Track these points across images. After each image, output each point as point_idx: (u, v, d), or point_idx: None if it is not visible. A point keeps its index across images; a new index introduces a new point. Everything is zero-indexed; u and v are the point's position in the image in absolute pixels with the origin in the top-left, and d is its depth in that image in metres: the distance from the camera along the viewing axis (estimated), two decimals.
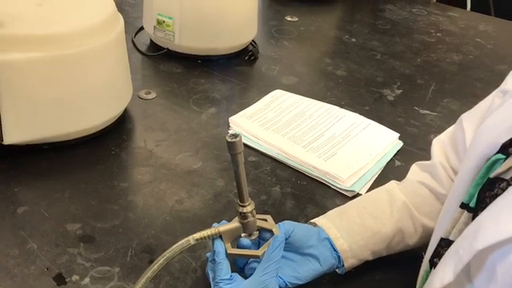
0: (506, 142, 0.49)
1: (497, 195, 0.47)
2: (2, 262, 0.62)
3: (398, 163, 0.87)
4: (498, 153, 0.49)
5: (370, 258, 0.64)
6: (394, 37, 1.36)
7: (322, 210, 0.73)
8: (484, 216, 0.46)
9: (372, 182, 0.81)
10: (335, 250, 0.61)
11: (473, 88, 1.15)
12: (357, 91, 1.08)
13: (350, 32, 1.36)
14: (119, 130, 0.87)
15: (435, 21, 1.49)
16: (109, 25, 0.79)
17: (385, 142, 0.89)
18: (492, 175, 0.48)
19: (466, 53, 1.31)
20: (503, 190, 0.46)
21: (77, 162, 0.79)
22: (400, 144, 0.91)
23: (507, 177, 0.47)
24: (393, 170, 0.85)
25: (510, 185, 0.46)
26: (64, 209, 0.70)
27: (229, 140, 0.51)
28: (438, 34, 1.40)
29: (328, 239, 0.61)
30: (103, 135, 0.84)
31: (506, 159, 0.48)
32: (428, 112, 1.03)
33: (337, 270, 0.63)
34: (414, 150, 0.91)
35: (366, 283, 0.65)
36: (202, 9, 1.05)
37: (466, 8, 1.73)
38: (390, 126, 0.95)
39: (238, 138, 0.51)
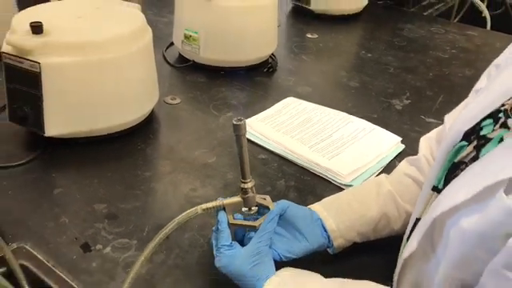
0: (467, 130, 0.56)
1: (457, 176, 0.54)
2: (39, 231, 0.72)
3: (398, 164, 0.93)
4: (462, 140, 0.56)
5: (358, 239, 0.71)
6: (409, 53, 1.43)
7: None
8: (442, 192, 0.53)
9: (371, 179, 0.88)
10: (325, 231, 0.69)
11: None
12: (367, 100, 1.15)
13: (366, 48, 1.44)
14: (146, 129, 0.98)
15: (452, 39, 1.55)
16: (138, 35, 0.90)
17: (387, 144, 0.96)
18: (456, 160, 0.55)
19: (479, 68, 1.36)
20: (462, 171, 0.53)
21: (107, 155, 0.90)
22: (402, 147, 0.97)
23: (467, 160, 0.54)
24: (392, 170, 0.92)
25: (467, 166, 0.53)
26: (93, 192, 0.81)
27: (234, 123, 0.60)
28: (453, 51, 1.46)
29: (320, 220, 0.69)
30: (131, 133, 0.95)
31: (468, 145, 0.55)
32: (433, 120, 1.09)
33: (328, 250, 0.70)
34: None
35: (354, 265, 0.71)
36: (225, 25, 1.15)
37: (486, 28, 1.78)
38: (395, 132, 1.02)
39: (242, 122, 0.60)
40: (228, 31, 1.15)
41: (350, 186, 0.86)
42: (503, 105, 0.53)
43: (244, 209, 0.65)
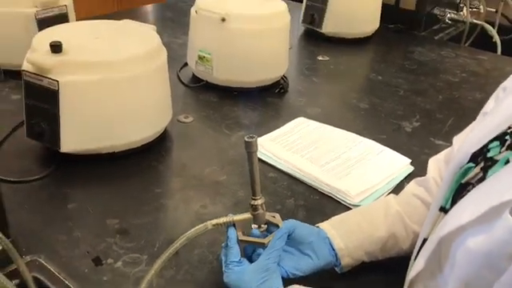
0: (475, 152, 0.56)
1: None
2: (52, 245, 0.74)
3: (407, 185, 0.94)
4: (469, 162, 0.57)
5: (366, 258, 0.71)
6: (419, 76, 1.44)
7: None
8: (449, 213, 0.54)
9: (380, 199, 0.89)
10: (333, 249, 0.69)
11: None
12: (377, 122, 1.17)
13: (377, 71, 1.46)
14: (159, 146, 1.00)
15: (462, 63, 1.56)
16: (154, 55, 0.93)
17: (396, 165, 0.97)
18: (463, 181, 0.56)
19: (489, 92, 1.35)
20: (469, 192, 0.54)
21: (120, 171, 0.92)
22: (411, 168, 0.98)
23: (474, 181, 0.54)
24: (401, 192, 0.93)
25: (474, 187, 0.54)
26: (105, 207, 0.83)
27: (246, 140, 0.62)
28: (463, 75, 1.47)
29: (328, 238, 0.70)
30: (145, 150, 0.97)
31: (475, 167, 0.56)
32: (443, 143, 1.10)
33: (336, 269, 0.71)
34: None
35: (361, 284, 0.71)
36: (238, 46, 1.18)
37: (497, 53, 1.79)
38: (404, 153, 1.02)
39: (253, 139, 0.62)
40: (241, 53, 1.18)
41: (359, 206, 0.86)
42: (510, 127, 0.54)
43: (253, 226, 0.66)
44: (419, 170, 0.99)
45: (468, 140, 0.60)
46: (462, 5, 1.92)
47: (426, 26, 1.82)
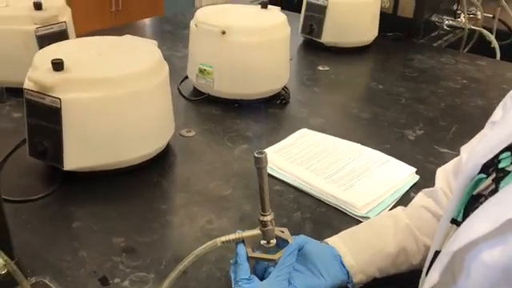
0: (486, 163, 0.56)
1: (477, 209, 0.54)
2: (58, 265, 0.73)
3: (413, 195, 0.93)
4: (480, 173, 0.56)
5: (378, 274, 0.70)
6: (420, 83, 1.44)
7: (338, 233, 0.80)
8: (462, 225, 0.53)
9: (387, 211, 0.88)
10: (344, 266, 0.68)
11: None
12: (379, 131, 1.16)
13: (377, 80, 1.45)
14: (162, 161, 0.99)
15: (462, 69, 1.56)
16: (156, 70, 0.93)
17: (401, 175, 0.96)
18: (475, 192, 0.55)
19: (491, 98, 1.37)
20: (482, 204, 0.53)
21: (124, 188, 0.91)
22: (416, 178, 0.97)
23: (486, 193, 0.54)
24: (408, 202, 0.90)
25: (487, 199, 0.53)
26: (111, 225, 0.82)
27: (256, 155, 0.61)
28: (464, 81, 1.47)
29: (339, 256, 0.69)
30: (148, 166, 0.96)
31: (487, 178, 0.55)
32: (447, 151, 1.09)
33: (348, 286, 0.70)
34: (431, 184, 0.96)
35: None
36: (239, 59, 1.18)
37: (495, 58, 1.79)
38: (409, 162, 1.02)
39: (263, 155, 0.61)
40: (242, 65, 1.18)
41: (366, 217, 0.85)
42: None
43: (262, 242, 0.65)
44: (425, 179, 0.98)
45: (478, 150, 0.59)
46: (459, 11, 1.93)
47: (425, 33, 1.82)
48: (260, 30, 1.17)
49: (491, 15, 1.92)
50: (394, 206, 0.90)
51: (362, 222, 0.85)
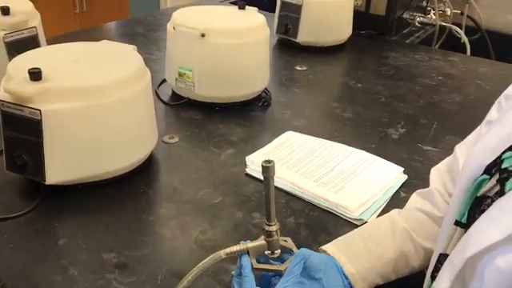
0: (489, 164, 0.56)
1: (484, 211, 0.53)
2: (47, 286, 0.69)
3: (403, 195, 0.94)
4: (483, 174, 0.56)
5: (379, 280, 0.69)
6: (397, 81, 1.45)
7: (334, 238, 0.78)
8: (472, 228, 0.53)
9: (379, 211, 0.88)
10: (345, 276, 0.67)
11: (473, 126, 1.20)
12: (363, 131, 1.16)
13: (355, 78, 1.46)
14: (147, 170, 0.96)
15: (437, 65, 1.59)
16: (138, 77, 0.89)
17: (390, 175, 0.97)
18: (479, 194, 0.55)
19: (467, 94, 1.39)
20: (489, 206, 0.53)
21: (109, 200, 0.88)
22: (405, 177, 0.98)
23: (491, 194, 0.54)
24: (398, 201, 0.92)
25: (493, 201, 0.53)
26: (100, 240, 0.78)
27: (264, 164, 0.59)
28: (440, 78, 1.49)
29: (338, 265, 0.67)
30: (132, 175, 0.93)
31: (490, 179, 0.55)
32: (431, 148, 1.10)
33: None
34: (418, 182, 0.97)
35: None
36: (219, 61, 1.15)
37: (466, 53, 1.83)
38: (395, 161, 1.02)
39: (271, 164, 0.59)
40: (223, 68, 1.15)
41: (360, 219, 0.85)
42: None
43: (267, 252, 0.64)
44: (413, 177, 0.98)
45: (478, 151, 0.59)
46: (429, 8, 1.96)
47: (397, 30, 1.84)
48: (240, 32, 1.15)
49: (459, 11, 1.96)
50: (386, 206, 0.90)
51: (356, 224, 0.85)
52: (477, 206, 0.55)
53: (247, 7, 1.27)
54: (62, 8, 2.84)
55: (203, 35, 1.12)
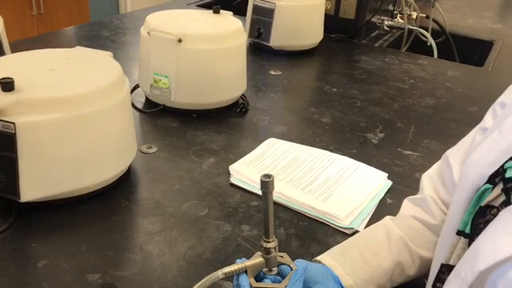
0: (492, 174, 0.55)
1: (489, 221, 0.52)
2: None
3: (389, 201, 0.94)
4: (486, 183, 0.55)
5: None
6: (371, 85, 1.46)
7: (325, 247, 0.78)
8: (481, 240, 0.52)
9: (368, 219, 0.87)
10: (342, 287, 0.66)
11: (449, 129, 1.24)
12: (343, 136, 1.16)
13: (330, 83, 1.45)
14: (126, 183, 0.92)
15: (407, 69, 1.61)
16: (117, 86, 0.85)
17: (375, 181, 0.96)
18: (483, 203, 0.54)
19: (439, 97, 1.42)
20: (494, 216, 0.52)
21: (90, 216, 0.83)
22: (389, 183, 0.98)
23: (496, 204, 0.53)
24: (385, 207, 0.91)
25: (499, 210, 0.52)
26: (82, 260, 0.74)
27: (263, 179, 0.56)
28: (411, 81, 1.51)
29: (336, 276, 0.66)
30: (112, 189, 0.89)
31: (493, 188, 0.54)
32: (410, 152, 1.11)
33: None
34: (403, 187, 0.98)
35: None
36: (197, 67, 1.12)
37: (433, 56, 1.86)
38: (377, 166, 1.02)
39: (270, 179, 0.56)
40: (200, 74, 1.12)
41: (350, 228, 0.84)
42: None
43: (265, 269, 0.61)
44: (397, 183, 0.98)
45: (477, 160, 0.59)
46: (396, 12, 1.98)
47: (366, 33, 1.86)
48: (218, 37, 1.12)
49: (425, 15, 1.99)
50: (374, 213, 0.89)
51: (346, 233, 0.84)
52: (481, 215, 0.54)
53: (222, 11, 1.24)
54: (17, 10, 2.72)
55: (180, 40, 1.08)
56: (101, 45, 1.56)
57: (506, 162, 0.54)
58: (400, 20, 1.96)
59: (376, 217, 0.86)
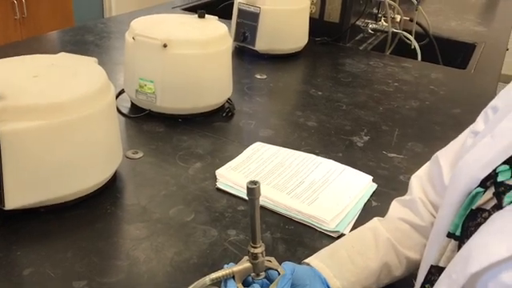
0: (484, 177, 0.56)
1: (480, 224, 0.53)
2: None
3: (374, 203, 0.95)
4: (477, 187, 0.56)
5: None
6: (356, 88, 1.47)
7: (312, 251, 0.78)
8: (473, 243, 0.52)
9: (354, 221, 0.88)
10: None
11: (433, 131, 1.26)
12: (329, 140, 1.17)
13: (315, 86, 1.47)
14: (112, 189, 0.92)
15: (391, 72, 1.62)
16: (102, 92, 0.85)
17: (360, 184, 0.97)
18: (474, 207, 0.55)
19: (423, 99, 1.43)
20: (485, 219, 0.52)
21: (75, 222, 0.83)
22: (374, 186, 0.99)
23: (488, 207, 0.53)
24: (371, 210, 0.92)
25: (490, 214, 0.53)
26: (68, 267, 0.73)
27: (249, 186, 0.57)
28: (396, 84, 1.53)
29: (323, 278, 0.67)
30: (97, 195, 0.88)
31: (484, 192, 0.55)
32: (395, 155, 1.12)
33: None
34: (388, 190, 0.99)
35: None
36: (182, 72, 1.12)
37: (417, 59, 1.88)
38: (362, 169, 1.03)
39: (257, 185, 0.57)
40: (186, 79, 1.12)
41: (336, 231, 0.85)
42: None
43: (252, 274, 0.62)
44: (382, 186, 1.00)
45: (469, 163, 0.58)
46: (380, 15, 2.00)
47: (350, 37, 1.87)
48: (203, 42, 1.12)
49: (408, 18, 2.02)
50: (359, 216, 0.90)
51: (332, 236, 0.84)
52: (472, 218, 0.55)
53: (207, 16, 1.25)
54: (0, 14, 2.70)
55: (165, 45, 1.09)
56: (85, 49, 1.55)
57: (498, 166, 0.54)
58: (384, 23, 1.98)
59: (362, 220, 0.87)
